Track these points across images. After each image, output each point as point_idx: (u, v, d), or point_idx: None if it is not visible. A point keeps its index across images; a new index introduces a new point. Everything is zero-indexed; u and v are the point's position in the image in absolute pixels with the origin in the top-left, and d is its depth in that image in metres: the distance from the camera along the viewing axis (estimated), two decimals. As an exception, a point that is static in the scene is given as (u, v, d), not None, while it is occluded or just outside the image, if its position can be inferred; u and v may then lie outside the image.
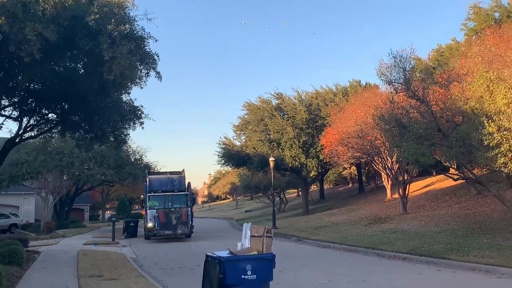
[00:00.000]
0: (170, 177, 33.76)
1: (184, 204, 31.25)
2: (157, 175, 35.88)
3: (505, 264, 14.22)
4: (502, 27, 25.68)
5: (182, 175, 34.50)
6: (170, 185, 32.63)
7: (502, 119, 15.45)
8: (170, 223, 28.65)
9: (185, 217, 29.52)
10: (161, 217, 28.68)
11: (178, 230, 28.79)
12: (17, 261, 15.34)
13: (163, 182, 32.96)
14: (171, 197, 31.54)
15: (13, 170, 40.50)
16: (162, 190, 32.00)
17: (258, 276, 8.32)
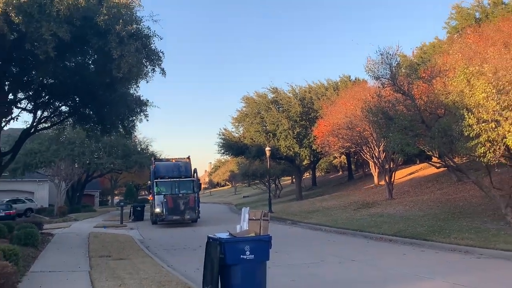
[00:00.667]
0: (176, 163, 32.20)
1: (190, 190, 29.77)
2: (164, 161, 34.10)
3: (483, 245, 14.30)
4: (482, 26, 25.63)
5: (188, 161, 32.94)
6: (177, 171, 31.07)
7: (481, 112, 15.45)
8: (178, 209, 27.52)
9: (193, 202, 28.24)
10: (169, 203, 27.50)
11: (186, 215, 27.69)
12: (33, 243, 15.37)
13: (170, 168, 31.41)
14: (177, 183, 29.98)
15: (28, 159, 40.55)
16: (169, 176, 30.38)
17: (256, 256, 8.34)
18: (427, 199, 26.48)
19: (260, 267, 8.47)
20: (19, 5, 9.89)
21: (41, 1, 10.28)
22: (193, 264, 13.17)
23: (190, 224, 28.09)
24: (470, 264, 12.44)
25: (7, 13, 9.90)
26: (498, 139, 15.31)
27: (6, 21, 10.07)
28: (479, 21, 30.34)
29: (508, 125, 14.93)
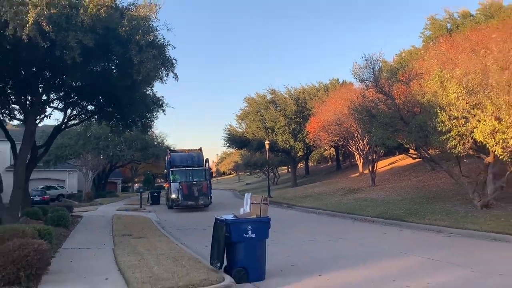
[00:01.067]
0: (190, 154, 30.94)
1: (203, 178, 28.71)
2: (178, 152, 32.34)
3: (453, 225, 14.33)
4: (453, 36, 25.51)
5: (200, 152, 31.83)
6: (190, 161, 29.83)
7: (452, 110, 15.43)
8: (193, 195, 26.70)
9: (206, 189, 27.35)
10: (184, 189, 26.66)
11: (199, 200, 26.89)
12: (64, 224, 15.41)
13: (184, 158, 30.12)
14: (191, 171, 28.97)
15: (59, 152, 40.61)
16: (183, 165, 29.28)
17: (257, 235, 8.37)
18: (405, 186, 26.49)
19: (261, 244, 8.50)
20: (49, 15, 9.86)
21: (68, 12, 10.25)
22: (203, 242, 13.20)
23: (200, 208, 28.09)
24: (442, 241, 12.47)
25: (39, 23, 9.88)
26: (467, 133, 15.30)
27: (39, 30, 10.04)
28: (450, 31, 30.22)
29: (476, 121, 14.92)
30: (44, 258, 7.61)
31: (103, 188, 50.20)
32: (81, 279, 8.07)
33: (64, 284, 7.64)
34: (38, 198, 34.51)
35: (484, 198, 16.95)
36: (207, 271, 8.29)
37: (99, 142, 41.76)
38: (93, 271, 8.77)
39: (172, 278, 7.78)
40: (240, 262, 8.26)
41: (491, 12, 28.70)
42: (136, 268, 8.74)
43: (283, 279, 8.34)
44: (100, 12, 10.32)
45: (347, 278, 8.34)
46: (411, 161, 30.44)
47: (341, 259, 10.28)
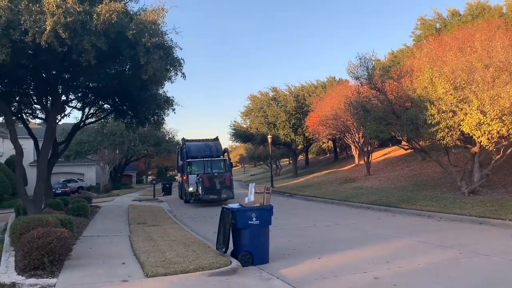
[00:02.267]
0: (207, 144, 26.82)
1: (222, 169, 24.73)
2: (194, 142, 27.51)
3: (442, 210, 14.35)
4: (441, 35, 25.36)
5: (218, 141, 27.79)
6: (208, 151, 25.81)
7: (441, 104, 15.39)
8: (215, 188, 22.34)
9: (229, 181, 22.93)
10: (205, 182, 22.14)
11: (222, 194, 22.33)
12: (84, 213, 15.49)
13: (201, 148, 26.02)
14: (210, 162, 24.85)
15: (78, 147, 40.79)
16: (201, 156, 25.14)
17: (260, 222, 8.40)
18: (398, 175, 26.46)
19: (264, 230, 8.53)
20: (65, 23, 9.89)
21: (82, 18, 10.27)
22: (212, 229, 13.25)
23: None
24: (432, 225, 12.48)
25: (56, 30, 9.91)
26: (454, 126, 15.27)
27: (56, 37, 10.08)
28: (439, 31, 29.99)
29: (463, 114, 14.87)
30: (66, 245, 7.68)
31: (119, 181, 50.42)
32: (99, 263, 8.14)
33: (85, 268, 7.71)
34: (59, 191, 34.72)
35: (471, 185, 16.92)
36: (216, 256, 8.34)
37: (115, 138, 41.89)
38: (110, 256, 8.83)
39: (183, 262, 7.84)
40: (245, 247, 8.29)
41: (477, 12, 28.44)
42: (150, 253, 8.80)
43: (286, 262, 8.38)
44: (112, 17, 10.32)
45: (344, 260, 8.37)
46: (403, 152, 30.42)
47: (339, 243, 10.30)
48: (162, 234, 11.66)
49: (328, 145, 61.34)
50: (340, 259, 8.47)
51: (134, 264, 8.06)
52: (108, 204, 24.82)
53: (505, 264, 7.56)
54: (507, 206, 13.62)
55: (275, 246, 9.38)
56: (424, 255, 8.46)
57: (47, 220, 8.88)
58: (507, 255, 8.05)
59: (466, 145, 17.20)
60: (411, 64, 20.92)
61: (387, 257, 8.33)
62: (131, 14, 11.81)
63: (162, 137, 49.32)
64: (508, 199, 15.00)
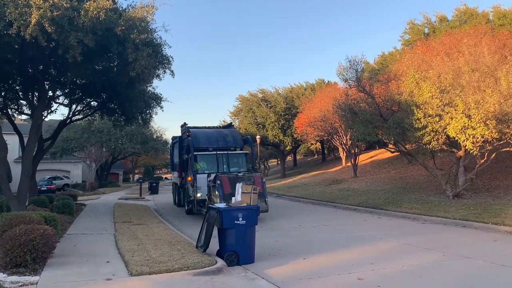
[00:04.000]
0: (219, 131, 19.26)
1: (243, 166, 17.34)
2: (201, 129, 19.63)
3: (427, 213, 14.48)
4: (429, 39, 25.65)
5: (234, 129, 21.08)
6: (222, 141, 18.07)
7: (427, 108, 15.54)
8: None
9: (260, 186, 14.28)
10: (225, 186, 14.13)
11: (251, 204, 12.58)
12: (69, 211, 15.33)
13: (212, 137, 18.20)
14: (226, 157, 17.18)
15: (65, 144, 40.36)
16: (213, 148, 17.50)
17: (247, 221, 8.39)
18: (384, 177, 26.66)
19: (251, 230, 8.52)
20: (52, 17, 9.77)
21: (70, 14, 10.16)
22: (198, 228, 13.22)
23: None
24: (417, 228, 12.59)
25: (42, 24, 9.80)
26: (440, 130, 15.42)
27: (42, 31, 9.97)
28: (427, 35, 30.31)
29: (448, 118, 15.03)
30: (49, 243, 7.59)
31: (106, 179, 50.02)
32: (83, 261, 8.05)
33: (68, 266, 7.61)
34: (44, 188, 34.31)
35: (456, 189, 17.12)
36: (201, 255, 8.31)
37: (102, 136, 41.58)
38: (94, 255, 8.74)
39: (168, 261, 7.80)
40: (231, 246, 8.27)
41: (465, 18, 28.81)
42: (135, 252, 8.73)
43: (271, 262, 8.38)
44: (100, 14, 10.23)
45: (330, 261, 8.40)
46: (390, 154, 30.64)
47: (324, 243, 10.34)
48: (148, 233, 11.58)
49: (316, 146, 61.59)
50: (325, 260, 8.49)
51: (119, 262, 7.99)
52: (94, 202, 24.58)
53: (487, 266, 7.65)
54: (490, 210, 13.81)
55: (261, 246, 9.39)
56: (408, 257, 8.53)
57: (31, 217, 8.75)
58: (489, 258, 8.15)
59: (452, 149, 17.39)
60: (398, 68, 21.10)
61: (372, 259, 8.38)
62: (120, 11, 11.72)
63: (150, 136, 49.09)
64: (491, 203, 15.21)
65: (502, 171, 20.11)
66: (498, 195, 16.61)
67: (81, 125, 39.82)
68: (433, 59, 17.96)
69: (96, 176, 45.76)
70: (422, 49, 22.14)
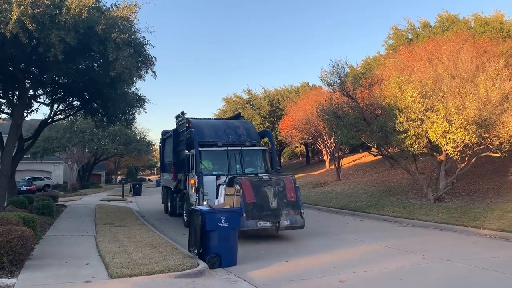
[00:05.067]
0: (228, 123, 15.68)
1: (261, 167, 13.97)
2: (205, 120, 16.20)
3: (408, 216, 14.65)
4: (412, 45, 25.99)
5: (245, 120, 17.47)
6: (234, 135, 14.55)
7: (410, 112, 15.74)
8: (268, 206, 10.68)
9: (293, 193, 11.11)
10: (248, 194, 10.55)
11: (282, 219, 10.74)
12: (49, 212, 15.05)
13: (220, 129, 14.68)
14: (240, 154, 13.62)
15: (46, 144, 39.61)
16: (222, 143, 13.87)
17: (229, 224, 8.36)
18: (367, 180, 26.90)
19: (233, 232, 8.50)
20: (33, 15, 9.62)
21: (51, 11, 10.01)
22: (180, 231, 13.17)
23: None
24: (398, 231, 12.72)
25: (23, 21, 9.63)
26: (422, 133, 15.63)
27: (22, 28, 9.80)
28: (410, 41, 30.70)
29: (430, 123, 15.25)
30: (27, 244, 7.44)
31: (87, 180, 49.36)
32: (62, 264, 7.91)
33: (47, 268, 7.47)
34: (24, 188, 33.68)
35: (437, 193, 17.36)
36: (183, 257, 8.25)
37: (84, 136, 40.96)
38: (74, 257, 8.60)
39: (149, 263, 7.71)
40: (213, 249, 8.23)
41: (447, 24, 29.28)
42: (115, 254, 8.62)
43: (254, 265, 8.36)
44: (82, 12, 10.09)
45: (311, 263, 8.42)
46: (373, 158, 30.97)
47: (306, 246, 10.36)
48: (129, 235, 11.44)
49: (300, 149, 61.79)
50: (307, 263, 8.51)
51: (99, 264, 7.88)
52: (75, 203, 24.23)
53: (466, 269, 7.77)
54: (469, 213, 14.04)
55: (243, 248, 9.37)
56: (389, 259, 8.61)
57: (8, 218, 8.57)
58: (468, 261, 8.28)
59: (433, 153, 17.64)
60: (381, 72, 21.33)
61: (353, 261, 8.43)
62: (104, 9, 11.59)
63: (133, 137, 48.59)
64: (471, 206, 15.46)
65: (482, 176, 20.48)
66: (477, 199, 16.91)
67: (63, 125, 39.19)
68: (416, 64, 18.20)
69: (78, 177, 45.11)
70: (405, 54, 22.43)
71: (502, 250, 9.32)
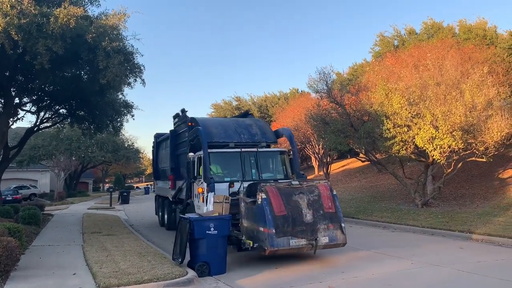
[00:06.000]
0: (239, 121, 13.61)
1: (280, 172, 12.15)
2: (212, 118, 15.04)
3: (397, 221, 14.74)
4: (398, 52, 26.32)
5: (259, 119, 16.38)
6: (246, 134, 12.62)
7: (396, 118, 15.92)
8: (301, 219, 8.43)
9: (330, 202, 9.06)
10: (276, 205, 8.38)
11: (320, 235, 8.46)
12: (35, 222, 14.85)
13: (230, 128, 12.77)
14: (255, 156, 11.73)
15: (32, 153, 39.13)
16: (234, 144, 11.87)
17: (218, 231, 8.33)
18: (355, 186, 27.04)
19: (222, 240, 8.47)
20: (19, 25, 9.56)
21: (39, 20, 9.96)
22: (170, 239, 13.04)
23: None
24: (387, 236, 12.79)
25: (8, 32, 9.55)
26: (409, 140, 15.80)
27: (8, 38, 9.72)
28: (397, 48, 31.09)
29: (417, 129, 15.43)
30: (13, 255, 7.34)
31: (75, 188, 48.85)
32: (49, 274, 7.80)
33: (32, 279, 7.35)
34: (10, 197, 33.05)
35: (424, 198, 17.53)
36: (172, 266, 8.19)
37: (71, 144, 40.57)
38: (61, 267, 8.48)
39: (138, 272, 7.64)
40: (202, 257, 8.20)
41: (433, 31, 29.75)
42: (103, 263, 8.52)
43: (243, 272, 8.34)
44: (70, 21, 10.05)
45: (301, 270, 8.42)
46: (361, 164, 31.10)
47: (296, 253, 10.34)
48: (117, 244, 11.33)
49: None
50: (296, 269, 8.51)
51: (86, 274, 7.78)
52: (62, 212, 23.93)
53: (453, 274, 7.83)
54: (456, 218, 14.19)
55: (233, 255, 9.33)
56: (378, 265, 8.64)
57: (-6, 228, 8.44)
58: (456, 265, 8.35)
59: (420, 158, 17.83)
60: (368, 79, 21.56)
61: (342, 267, 8.46)
62: (92, 18, 11.57)
63: (121, 144, 48.30)
64: (458, 211, 15.63)
65: (468, 180, 20.73)
66: (464, 204, 17.10)
67: (50, 133, 38.80)
68: (402, 71, 18.44)
69: (65, 186, 44.58)
70: (391, 61, 22.70)
71: (489, 254, 9.43)
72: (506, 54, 22.33)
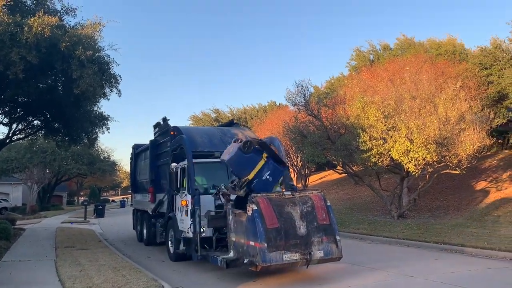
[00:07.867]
0: (224, 130, 13.36)
1: None
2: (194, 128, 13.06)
3: (373, 233, 14.90)
4: (373, 66, 26.85)
5: (246, 127, 13.87)
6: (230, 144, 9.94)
7: (372, 131, 16.16)
8: (295, 232, 7.78)
9: (325, 213, 8.28)
10: (268, 217, 7.73)
11: (315, 248, 7.83)
12: (5, 236, 14.41)
13: (215, 137, 12.53)
14: None
15: (4, 165, 38.01)
16: (220, 154, 9.68)
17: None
18: (333, 198, 27.19)
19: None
20: None
21: (12, 29, 9.79)
22: (146, 254, 12.85)
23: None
24: (363, 248, 12.90)
25: None
26: (385, 152, 16.05)
27: (-22, 47, 9.55)
28: (372, 62, 31.72)
29: (392, 142, 15.70)
30: (-19, 271, 7.07)
31: (48, 201, 47.64)
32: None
33: (1, 297, 7.11)
34: (-21, 211, 32.06)
35: (400, 210, 17.78)
36: (147, 280, 8.05)
37: (45, 156, 39.64)
38: (33, 283, 8.24)
39: (112, 287, 7.48)
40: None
41: (405, 47, 30.51)
42: (76, 278, 8.31)
43: (220, 285, 8.25)
44: (44, 31, 9.92)
45: (278, 283, 8.39)
46: (338, 176, 31.40)
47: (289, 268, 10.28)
48: (91, 258, 11.09)
49: (267, 168, 61.99)
50: (273, 282, 8.47)
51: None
52: (34, 226, 23.27)
53: (428, 285, 7.94)
54: (431, 229, 14.43)
55: (208, 269, 9.24)
56: (355, 277, 8.69)
57: (-39, 243, 8.14)
58: (430, 276, 8.47)
59: (396, 170, 18.12)
60: (345, 92, 21.90)
61: (319, 280, 8.47)
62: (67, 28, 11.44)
63: (97, 156, 47.46)
64: (433, 222, 15.91)
65: (443, 192, 21.15)
66: (439, 215, 17.41)
67: (23, 145, 37.84)
68: (378, 85, 18.81)
69: (38, 199, 43.45)
70: (367, 75, 23.15)
71: (463, 265, 9.60)
72: (477, 69, 23.04)
